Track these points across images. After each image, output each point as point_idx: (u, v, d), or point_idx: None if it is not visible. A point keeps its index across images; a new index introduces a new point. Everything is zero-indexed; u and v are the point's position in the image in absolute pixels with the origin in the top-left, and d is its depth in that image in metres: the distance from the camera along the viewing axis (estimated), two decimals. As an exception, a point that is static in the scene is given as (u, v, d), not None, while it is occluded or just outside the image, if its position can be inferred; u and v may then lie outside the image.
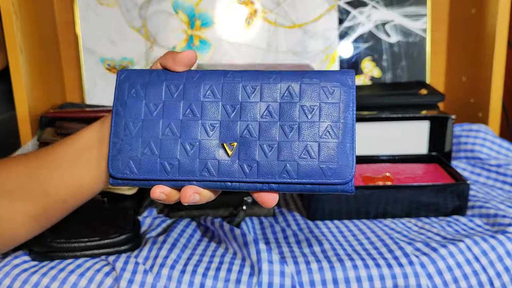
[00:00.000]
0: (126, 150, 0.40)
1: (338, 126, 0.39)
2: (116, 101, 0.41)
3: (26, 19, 0.72)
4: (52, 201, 0.45)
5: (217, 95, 0.40)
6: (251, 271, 0.48)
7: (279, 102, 0.39)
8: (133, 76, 0.41)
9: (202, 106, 0.40)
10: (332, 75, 0.40)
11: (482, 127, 0.76)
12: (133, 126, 0.40)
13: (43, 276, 0.48)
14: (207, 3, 0.86)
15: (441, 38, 0.91)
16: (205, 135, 0.39)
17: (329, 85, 0.39)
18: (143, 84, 0.41)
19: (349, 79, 0.39)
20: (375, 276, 0.48)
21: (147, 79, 0.41)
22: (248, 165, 0.38)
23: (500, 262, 0.50)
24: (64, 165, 0.44)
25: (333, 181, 0.38)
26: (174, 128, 0.40)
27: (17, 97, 0.70)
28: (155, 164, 0.39)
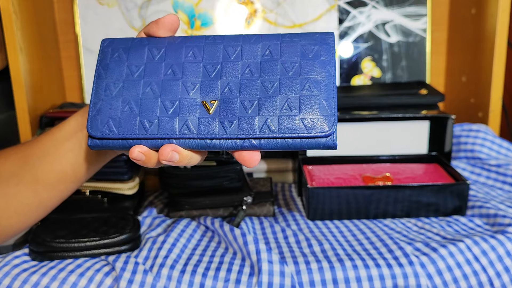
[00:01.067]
0: (105, 109, 0.40)
1: (318, 81, 0.39)
2: (98, 65, 0.41)
3: (26, 18, 0.72)
4: (42, 186, 0.47)
5: (198, 57, 0.40)
6: (251, 271, 0.48)
7: (259, 60, 0.40)
8: (116, 42, 0.42)
9: (183, 66, 0.40)
10: (312, 35, 0.41)
11: (482, 127, 0.76)
12: (114, 87, 0.40)
13: (43, 276, 0.48)
14: (207, 3, 0.86)
15: (441, 38, 0.91)
16: (186, 94, 0.39)
17: (309, 43, 0.40)
18: (125, 48, 0.41)
19: (328, 39, 0.41)
20: (375, 276, 0.48)
21: (130, 44, 0.42)
22: (229, 121, 0.38)
23: (500, 262, 0.50)
24: (52, 151, 0.46)
25: (315, 134, 0.38)
26: (155, 87, 0.40)
27: (17, 97, 0.70)
28: (134, 122, 0.39)
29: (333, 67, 0.39)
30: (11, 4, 0.67)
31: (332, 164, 0.71)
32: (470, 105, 0.84)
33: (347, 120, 0.72)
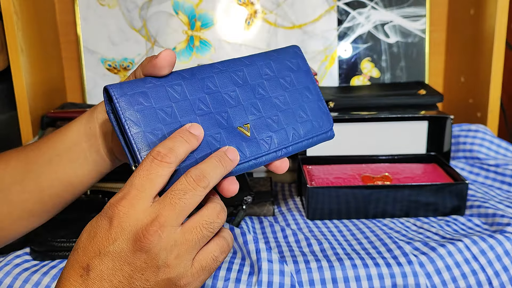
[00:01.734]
0: None
1: (309, 88, 0.46)
2: (123, 116, 0.37)
3: (27, 19, 0.72)
4: (47, 196, 0.46)
5: (214, 87, 0.42)
6: (250, 270, 0.49)
7: (263, 80, 0.44)
8: (126, 88, 0.39)
9: (208, 99, 0.41)
10: (285, 50, 0.47)
11: (481, 127, 0.77)
12: (155, 136, 0.38)
13: (44, 275, 0.48)
14: (207, 4, 0.86)
15: (440, 39, 0.91)
16: (223, 125, 0.41)
17: (290, 58, 0.46)
18: (142, 93, 0.39)
19: (299, 51, 0.47)
20: (374, 275, 0.48)
21: (143, 87, 0.39)
22: (267, 137, 0.42)
23: (499, 261, 0.51)
24: (56, 160, 0.45)
25: (324, 131, 0.46)
26: None
27: (18, 97, 0.71)
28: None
29: (311, 74, 0.47)
30: (12, 5, 0.67)
31: (331, 164, 0.71)
32: (469, 105, 0.85)
33: (346, 120, 0.72)
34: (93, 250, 0.34)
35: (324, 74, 0.88)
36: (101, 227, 0.34)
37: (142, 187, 0.34)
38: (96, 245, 0.34)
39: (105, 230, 0.34)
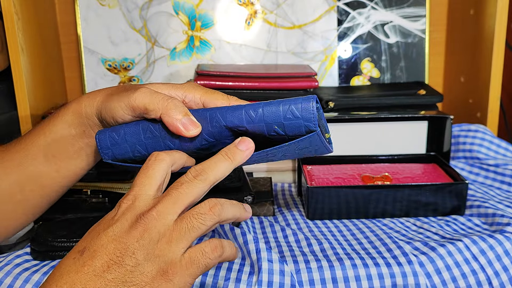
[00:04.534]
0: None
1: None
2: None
3: (28, 19, 0.72)
4: (50, 190, 0.49)
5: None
6: (251, 270, 0.49)
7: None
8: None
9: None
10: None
11: (481, 127, 0.77)
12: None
13: (44, 275, 0.48)
14: (207, 4, 0.86)
15: (440, 39, 0.91)
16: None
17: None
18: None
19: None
20: (374, 275, 0.48)
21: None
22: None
23: (499, 261, 0.51)
24: (53, 160, 0.47)
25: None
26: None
27: (19, 97, 0.71)
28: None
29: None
30: (12, 5, 0.67)
31: (331, 164, 0.71)
32: (469, 105, 0.85)
33: (346, 120, 0.72)
34: (92, 235, 0.36)
35: (324, 74, 0.88)
36: (108, 216, 0.37)
37: (142, 183, 0.38)
38: (96, 231, 0.36)
39: (110, 218, 0.37)
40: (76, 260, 0.35)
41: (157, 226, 0.35)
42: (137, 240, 0.35)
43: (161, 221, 0.36)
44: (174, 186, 0.37)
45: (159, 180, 0.38)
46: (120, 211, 0.37)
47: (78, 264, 0.34)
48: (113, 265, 0.34)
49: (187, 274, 0.36)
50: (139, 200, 0.37)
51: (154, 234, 0.35)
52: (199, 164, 0.38)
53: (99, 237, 0.35)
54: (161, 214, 0.36)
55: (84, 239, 0.37)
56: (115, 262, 0.34)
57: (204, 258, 0.36)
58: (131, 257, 0.34)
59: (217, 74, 0.72)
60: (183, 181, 0.37)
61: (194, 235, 0.36)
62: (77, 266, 0.34)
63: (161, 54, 0.87)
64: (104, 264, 0.34)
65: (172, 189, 0.37)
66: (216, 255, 0.37)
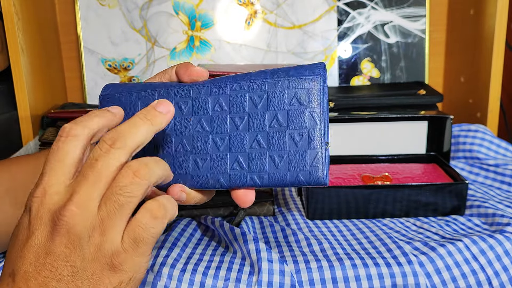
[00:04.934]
0: None
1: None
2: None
3: (28, 20, 0.72)
4: None
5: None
6: (251, 270, 0.49)
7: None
8: (137, 93, 0.40)
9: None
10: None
11: (481, 127, 0.77)
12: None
13: (44, 275, 0.48)
14: (207, 4, 0.86)
15: (440, 39, 0.91)
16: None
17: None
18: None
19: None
20: (374, 275, 0.48)
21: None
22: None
23: (499, 261, 0.51)
24: None
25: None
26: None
27: (19, 97, 0.71)
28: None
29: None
30: (12, 6, 0.67)
31: (331, 164, 0.71)
32: (469, 105, 0.85)
33: (346, 120, 0.72)
34: (15, 252, 0.31)
35: (324, 74, 0.88)
36: (22, 225, 0.31)
37: (52, 169, 0.31)
38: (17, 246, 0.31)
39: (25, 227, 0.31)
40: (11, 287, 0.30)
41: (82, 221, 0.30)
42: (65, 246, 0.30)
43: (84, 214, 0.30)
44: (87, 165, 0.31)
45: (73, 162, 0.31)
46: (33, 215, 0.30)
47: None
48: (51, 282, 0.29)
49: (137, 255, 0.31)
50: (50, 194, 0.30)
51: (81, 231, 0.30)
52: (113, 129, 0.32)
53: (23, 254, 0.30)
54: (81, 205, 0.30)
55: (9, 258, 0.31)
56: (52, 278, 0.29)
57: (146, 231, 0.31)
58: (66, 266, 0.30)
59: (217, 74, 0.72)
60: (96, 155, 0.30)
61: (126, 212, 0.31)
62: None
63: (161, 54, 0.87)
64: (42, 283, 0.29)
65: (86, 169, 0.30)
66: (159, 222, 0.31)
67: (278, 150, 0.37)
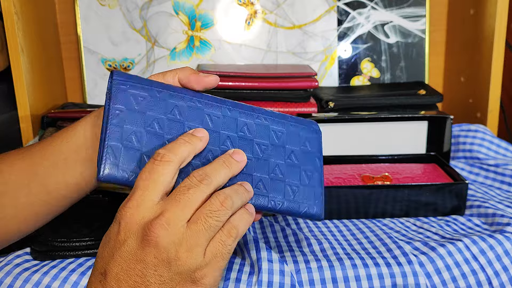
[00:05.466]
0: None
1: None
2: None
3: (28, 19, 0.72)
4: (54, 198, 0.46)
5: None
6: (251, 270, 0.49)
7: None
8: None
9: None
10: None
11: (481, 127, 0.77)
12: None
13: (44, 275, 0.48)
14: (207, 4, 0.86)
15: (440, 39, 0.91)
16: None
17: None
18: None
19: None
20: (374, 275, 0.48)
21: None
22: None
23: (499, 261, 0.51)
24: (61, 164, 0.45)
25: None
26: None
27: (19, 97, 0.71)
28: None
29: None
30: (12, 5, 0.67)
31: (331, 164, 0.71)
32: (469, 105, 0.85)
33: (346, 121, 0.72)
34: (107, 255, 0.35)
35: (324, 74, 0.88)
36: (112, 232, 0.35)
37: (146, 187, 0.35)
38: (109, 250, 0.35)
39: (115, 233, 0.35)
40: (103, 284, 0.34)
41: (170, 236, 0.34)
42: (154, 256, 0.34)
43: (172, 231, 0.34)
44: (179, 191, 0.35)
45: (166, 185, 0.36)
46: (124, 224, 0.34)
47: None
48: (140, 287, 0.33)
49: (215, 270, 0.35)
50: (142, 208, 0.35)
51: (168, 245, 0.34)
52: (201, 169, 0.37)
53: (114, 259, 0.34)
54: (171, 223, 0.34)
55: (101, 257, 0.35)
56: (141, 284, 0.34)
57: (224, 247, 0.36)
58: (154, 274, 0.34)
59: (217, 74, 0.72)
60: (189, 185, 0.36)
61: (212, 234, 0.35)
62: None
63: (161, 54, 0.87)
64: (132, 287, 0.33)
65: (178, 194, 0.35)
66: (233, 238, 0.36)
67: (293, 182, 0.42)
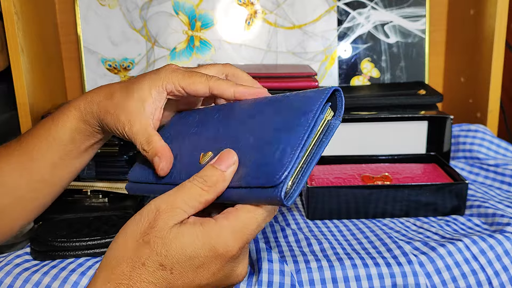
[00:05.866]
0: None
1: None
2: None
3: (28, 19, 0.72)
4: (60, 187, 0.49)
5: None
6: (251, 270, 0.49)
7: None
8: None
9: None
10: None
11: (481, 127, 0.77)
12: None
13: (44, 275, 0.48)
14: (207, 4, 0.86)
15: (440, 39, 0.91)
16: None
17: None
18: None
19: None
20: (374, 275, 0.48)
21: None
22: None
23: (499, 261, 0.51)
24: (60, 163, 0.47)
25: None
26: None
27: (19, 97, 0.71)
28: None
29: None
30: (12, 5, 0.67)
31: (331, 164, 0.71)
32: (469, 105, 0.85)
33: (346, 121, 0.72)
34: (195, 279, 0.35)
35: (324, 74, 0.88)
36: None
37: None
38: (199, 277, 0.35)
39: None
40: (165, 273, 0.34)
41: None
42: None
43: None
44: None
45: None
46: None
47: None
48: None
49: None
50: None
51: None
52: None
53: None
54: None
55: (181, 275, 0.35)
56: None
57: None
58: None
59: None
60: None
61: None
62: None
63: (161, 54, 0.87)
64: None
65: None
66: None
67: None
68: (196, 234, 0.34)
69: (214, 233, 0.34)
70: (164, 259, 0.33)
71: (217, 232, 0.34)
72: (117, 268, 0.34)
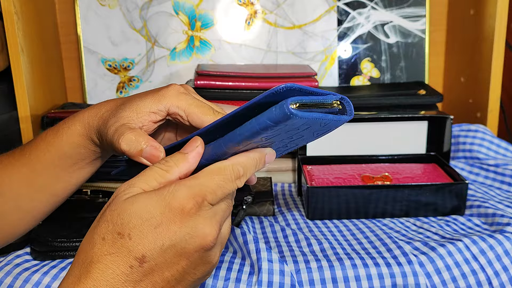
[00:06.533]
0: None
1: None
2: None
3: (27, 19, 0.72)
4: (61, 199, 0.48)
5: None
6: (251, 270, 0.49)
7: None
8: None
9: None
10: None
11: (481, 127, 0.77)
12: None
13: (44, 275, 0.48)
14: (207, 4, 0.86)
15: (440, 39, 0.91)
16: None
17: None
18: None
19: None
20: (374, 275, 0.48)
21: None
22: None
23: (499, 261, 0.51)
24: (62, 176, 0.47)
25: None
26: None
27: (19, 97, 0.71)
28: None
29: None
30: (12, 5, 0.67)
31: (331, 164, 0.71)
32: (469, 105, 0.85)
33: (346, 121, 0.72)
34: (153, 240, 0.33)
35: (324, 74, 0.88)
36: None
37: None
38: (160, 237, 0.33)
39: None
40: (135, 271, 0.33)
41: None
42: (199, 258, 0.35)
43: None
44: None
45: None
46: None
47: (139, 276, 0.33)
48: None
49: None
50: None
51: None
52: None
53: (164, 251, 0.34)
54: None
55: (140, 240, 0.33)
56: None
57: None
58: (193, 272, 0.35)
59: (217, 74, 0.72)
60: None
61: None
62: None
63: (161, 54, 0.87)
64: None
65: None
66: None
67: None
68: (150, 197, 0.33)
69: (168, 191, 0.33)
70: (120, 227, 0.32)
71: (172, 190, 0.33)
72: (80, 253, 0.34)
